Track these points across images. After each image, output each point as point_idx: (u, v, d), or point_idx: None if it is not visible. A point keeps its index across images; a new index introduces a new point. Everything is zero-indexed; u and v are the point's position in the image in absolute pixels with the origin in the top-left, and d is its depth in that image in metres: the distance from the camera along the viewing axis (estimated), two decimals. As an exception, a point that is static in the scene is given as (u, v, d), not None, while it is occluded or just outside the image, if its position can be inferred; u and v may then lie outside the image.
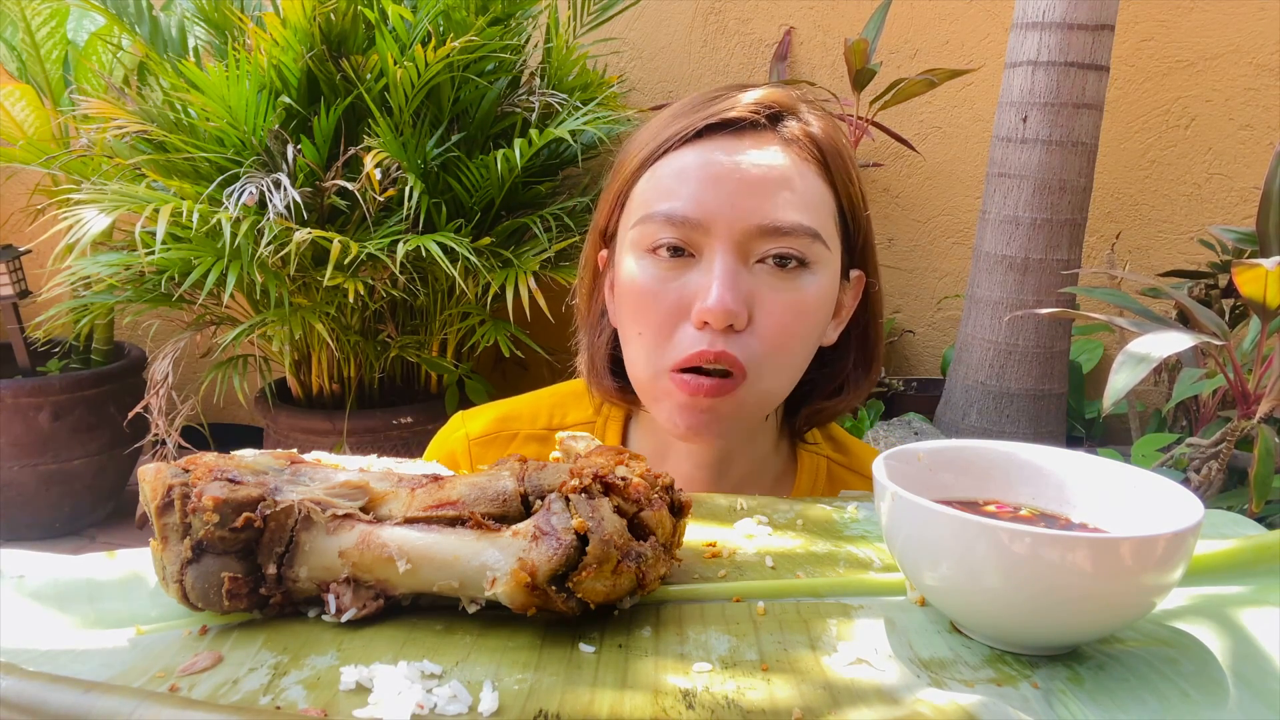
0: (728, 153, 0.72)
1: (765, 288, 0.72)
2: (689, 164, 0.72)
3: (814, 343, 0.78)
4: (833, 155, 0.75)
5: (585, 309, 0.87)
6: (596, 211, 0.83)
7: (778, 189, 0.71)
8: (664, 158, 0.74)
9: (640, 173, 0.76)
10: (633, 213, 0.76)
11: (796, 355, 0.76)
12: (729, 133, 0.73)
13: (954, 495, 0.57)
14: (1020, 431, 2.29)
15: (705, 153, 0.72)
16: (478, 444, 0.89)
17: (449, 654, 0.47)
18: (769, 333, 0.72)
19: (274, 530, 0.50)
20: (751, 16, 2.87)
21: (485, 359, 2.89)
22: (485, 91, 2.41)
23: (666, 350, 0.73)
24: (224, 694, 0.44)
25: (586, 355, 0.86)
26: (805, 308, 0.73)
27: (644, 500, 0.51)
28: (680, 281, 0.72)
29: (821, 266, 0.74)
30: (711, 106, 0.74)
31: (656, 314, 0.73)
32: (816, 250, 0.73)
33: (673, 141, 0.74)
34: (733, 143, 0.72)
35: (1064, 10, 2.12)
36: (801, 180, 0.73)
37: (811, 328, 0.75)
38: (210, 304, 2.44)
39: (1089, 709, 0.44)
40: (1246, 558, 0.57)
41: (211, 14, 2.41)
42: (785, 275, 0.72)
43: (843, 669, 0.47)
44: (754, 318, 0.72)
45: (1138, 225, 2.77)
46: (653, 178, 0.74)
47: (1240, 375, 1.66)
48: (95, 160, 2.38)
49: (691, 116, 0.74)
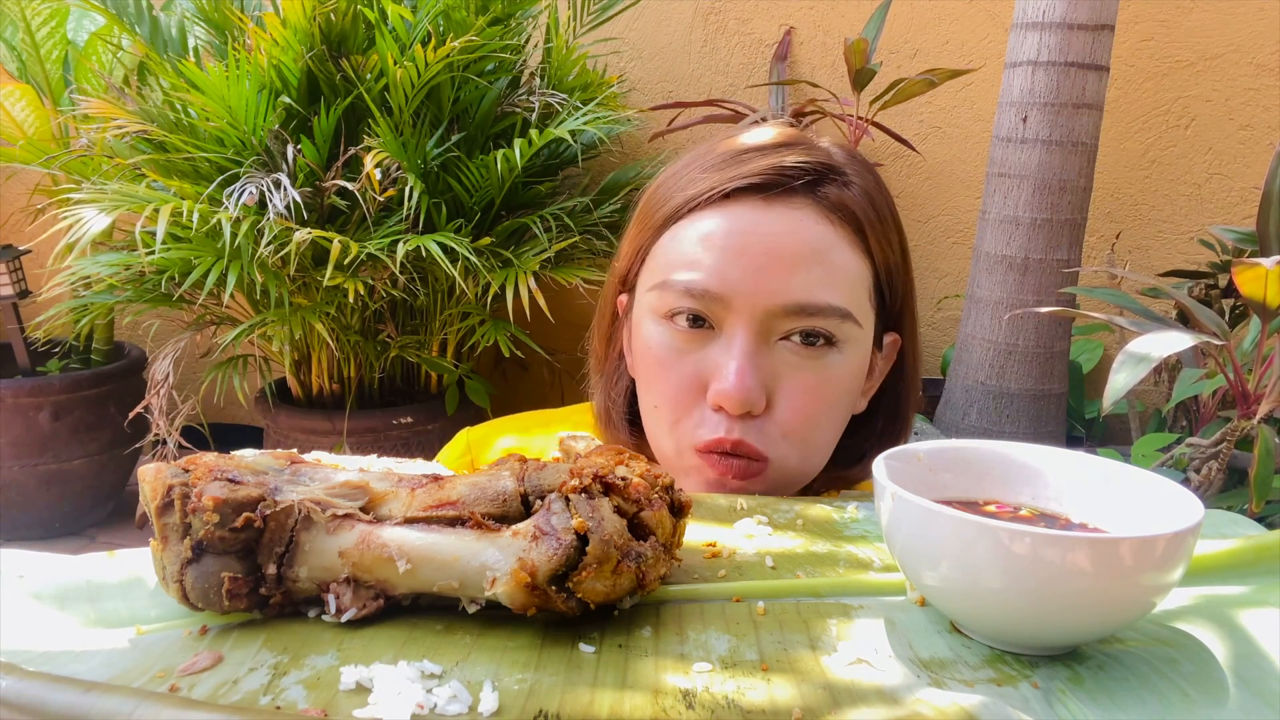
0: (755, 221, 0.67)
1: (787, 367, 0.68)
2: (714, 230, 0.67)
3: (842, 420, 0.73)
4: (871, 223, 0.69)
5: (602, 353, 0.83)
6: (617, 254, 0.78)
7: (807, 265, 0.66)
8: (689, 216, 0.69)
9: (664, 228, 0.71)
10: (653, 271, 0.72)
11: (821, 436, 0.72)
12: (760, 196, 0.67)
13: (954, 495, 0.57)
14: (1020, 431, 2.29)
15: (732, 218, 0.67)
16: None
17: (449, 654, 0.47)
18: (789, 417, 0.68)
19: (274, 530, 0.50)
20: (751, 16, 2.87)
21: (485, 359, 2.89)
22: (485, 91, 2.41)
23: (685, 427, 0.70)
24: (224, 694, 0.44)
25: (602, 404, 0.83)
26: (829, 390, 0.69)
27: (644, 500, 0.51)
28: (698, 355, 0.69)
29: (851, 345, 0.69)
30: (745, 164, 0.68)
31: (673, 388, 0.70)
32: (846, 329, 0.68)
33: (699, 201, 0.69)
34: (762, 209, 0.67)
35: (1064, 10, 2.12)
36: (834, 253, 0.67)
37: (836, 408, 0.71)
38: (210, 304, 2.44)
39: (1089, 709, 0.44)
40: (1246, 558, 0.57)
41: (211, 14, 2.41)
42: (810, 354, 0.68)
43: (843, 669, 0.47)
44: (774, 401, 0.68)
45: (1138, 225, 2.77)
46: (675, 238, 0.70)
47: (1240, 375, 1.66)
48: (95, 160, 2.38)
49: (723, 172, 0.68)
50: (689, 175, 0.71)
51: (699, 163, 0.72)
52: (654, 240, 0.72)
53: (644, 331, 0.72)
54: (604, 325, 0.82)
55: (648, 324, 0.72)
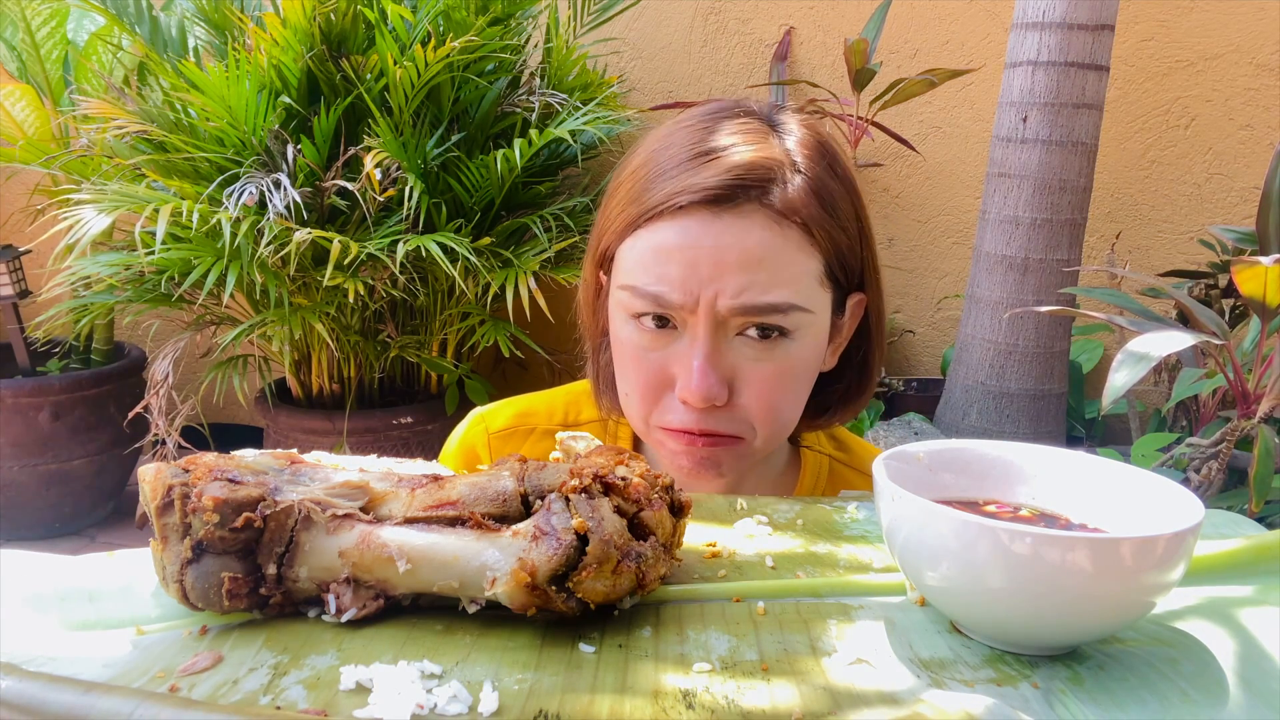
0: (705, 233, 0.71)
1: (746, 360, 0.74)
2: (668, 242, 0.72)
3: (804, 393, 0.79)
4: (817, 220, 0.73)
5: (590, 324, 0.88)
6: (591, 236, 0.83)
7: (753, 270, 0.71)
8: (648, 225, 0.74)
9: (627, 233, 0.76)
10: (620, 272, 0.77)
11: (785, 415, 0.78)
12: (710, 208, 0.72)
13: (954, 495, 0.57)
14: (1020, 431, 2.29)
15: (684, 231, 0.72)
16: (497, 438, 0.92)
17: (449, 654, 0.47)
18: (753, 404, 0.74)
19: (274, 530, 0.50)
20: (751, 16, 2.87)
21: (485, 359, 2.89)
22: (485, 91, 2.41)
23: (655, 412, 0.76)
24: (224, 694, 0.44)
25: (592, 372, 0.88)
26: (787, 376, 0.75)
27: (644, 500, 0.51)
28: (664, 352, 0.75)
29: (804, 330, 0.74)
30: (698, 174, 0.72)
31: (643, 381, 0.76)
32: (796, 319, 0.73)
33: (657, 211, 0.73)
34: (712, 220, 0.71)
35: (1064, 10, 2.12)
36: (780, 255, 0.72)
37: (798, 387, 0.77)
38: (210, 304, 2.44)
39: (1089, 709, 0.44)
40: (1247, 558, 0.57)
41: (211, 14, 2.41)
42: (766, 345, 0.73)
43: (843, 669, 0.47)
44: (736, 390, 0.74)
45: (1138, 225, 2.77)
46: (636, 245, 0.75)
47: (1240, 375, 1.66)
48: (95, 160, 2.38)
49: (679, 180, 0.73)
50: (653, 173, 0.76)
51: (664, 157, 0.76)
52: (619, 242, 0.77)
53: (616, 324, 0.78)
54: (588, 298, 0.88)
55: (619, 319, 0.78)
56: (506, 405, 0.95)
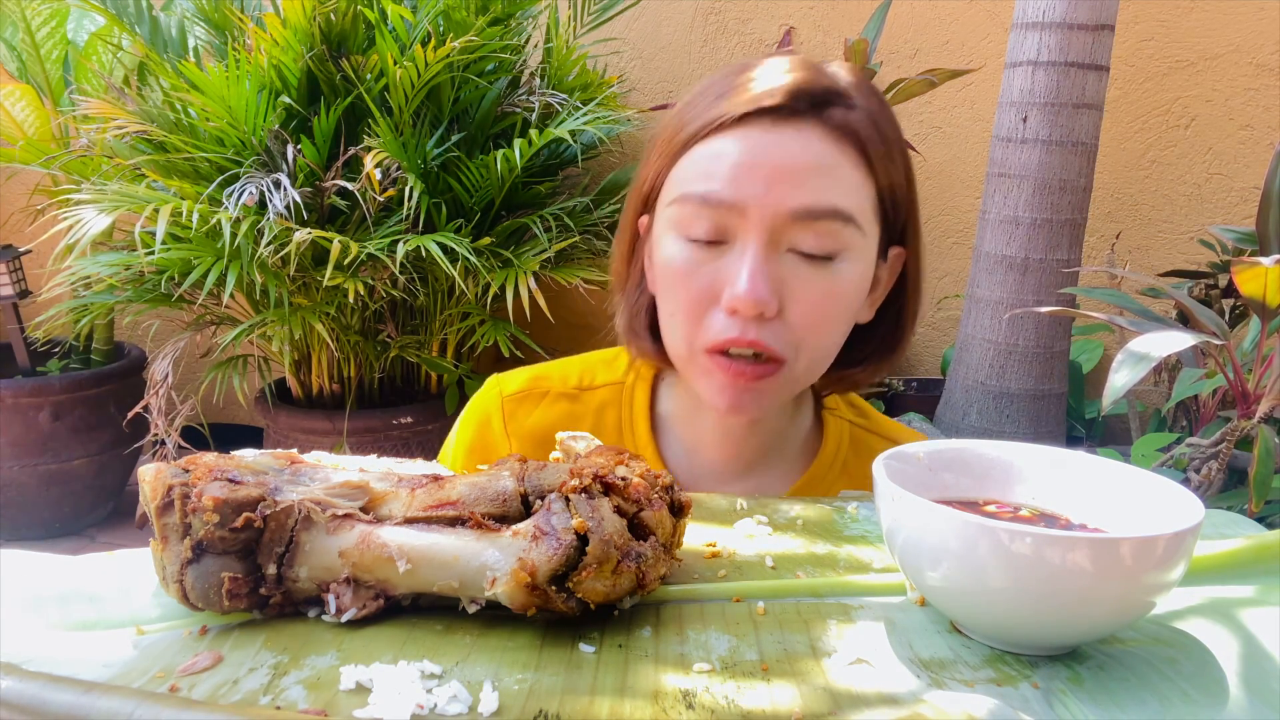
0: (765, 140, 0.72)
1: (796, 277, 0.73)
2: (727, 149, 0.73)
3: (847, 325, 0.78)
4: (874, 144, 0.75)
5: (623, 272, 0.88)
6: (636, 176, 0.83)
7: (814, 176, 0.72)
8: (704, 140, 0.74)
9: (681, 153, 0.76)
10: (670, 190, 0.77)
11: (830, 339, 0.77)
12: (769, 118, 0.72)
13: (954, 495, 0.57)
14: (1020, 431, 2.29)
15: (743, 138, 0.72)
16: (511, 400, 0.92)
17: (449, 654, 0.47)
18: (800, 320, 0.73)
19: (274, 530, 0.50)
20: (751, 16, 2.87)
21: (485, 359, 2.89)
22: (485, 91, 2.41)
23: (699, 332, 0.75)
24: (224, 694, 0.44)
25: (625, 318, 0.88)
26: (836, 296, 0.74)
27: (644, 500, 0.51)
28: (713, 266, 0.73)
29: (854, 253, 0.74)
30: (753, 89, 0.73)
31: (688, 296, 0.74)
32: (849, 236, 0.73)
33: (713, 125, 0.74)
34: (771, 130, 0.72)
35: (1064, 10, 2.12)
36: (839, 169, 0.73)
37: (844, 313, 0.76)
38: (210, 304, 2.44)
39: (1089, 709, 0.44)
40: (1247, 558, 0.57)
41: (211, 14, 2.41)
42: (817, 265, 0.73)
43: (843, 669, 0.47)
44: (784, 306, 0.73)
45: (1138, 225, 2.77)
46: (691, 159, 0.75)
47: (1240, 375, 1.66)
48: (95, 160, 2.38)
49: (733, 100, 0.74)
50: (704, 102, 0.76)
51: (713, 90, 0.77)
52: (671, 165, 0.77)
53: (663, 247, 0.77)
54: (625, 245, 0.87)
55: (666, 240, 0.77)
56: (522, 370, 0.95)
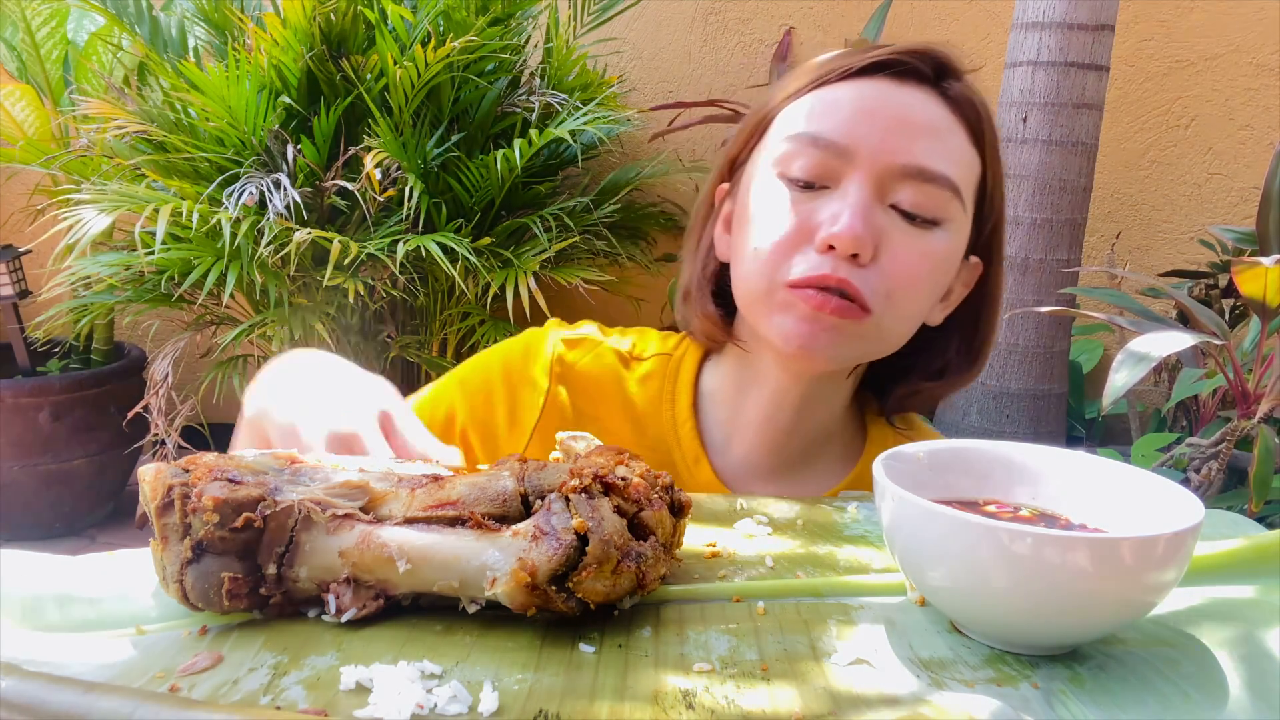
0: (885, 90, 0.71)
1: (895, 230, 0.71)
2: (843, 95, 0.71)
3: (932, 299, 0.76)
4: (988, 124, 0.74)
5: (694, 243, 0.86)
6: (730, 143, 0.81)
7: (931, 136, 0.70)
8: (817, 90, 0.73)
9: (788, 102, 0.74)
10: (775, 134, 0.75)
11: (915, 304, 0.74)
12: (891, 75, 0.71)
13: (954, 495, 0.57)
14: (1020, 431, 2.29)
15: (862, 88, 0.71)
16: (568, 340, 0.88)
17: (449, 654, 0.47)
18: (893, 271, 0.70)
19: (274, 530, 0.50)
20: (751, 16, 2.86)
21: (485, 359, 2.88)
22: (485, 91, 2.40)
23: (784, 267, 0.71)
24: (224, 694, 0.43)
25: (686, 283, 0.85)
26: (932, 257, 0.72)
27: (644, 500, 0.51)
28: (810, 206, 0.71)
29: (953, 227, 0.73)
30: (871, 51, 0.72)
31: (780, 232, 0.71)
32: (953, 209, 0.72)
33: (832, 75, 0.72)
34: (892, 85, 0.71)
35: (1064, 10, 2.12)
36: (954, 137, 0.72)
37: (934, 282, 0.74)
38: (210, 304, 2.44)
39: (1089, 709, 0.44)
40: (1247, 558, 0.57)
41: (211, 14, 2.41)
42: (917, 225, 0.71)
43: (843, 669, 0.47)
44: (879, 255, 0.70)
45: (1138, 225, 2.77)
46: (801, 104, 0.73)
47: (1240, 375, 1.66)
48: (95, 160, 2.38)
49: (850, 58, 0.72)
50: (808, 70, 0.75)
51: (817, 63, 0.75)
52: (776, 113, 0.75)
53: (756, 188, 0.74)
54: (700, 216, 0.86)
55: (761, 179, 0.74)
56: (583, 321, 0.93)
